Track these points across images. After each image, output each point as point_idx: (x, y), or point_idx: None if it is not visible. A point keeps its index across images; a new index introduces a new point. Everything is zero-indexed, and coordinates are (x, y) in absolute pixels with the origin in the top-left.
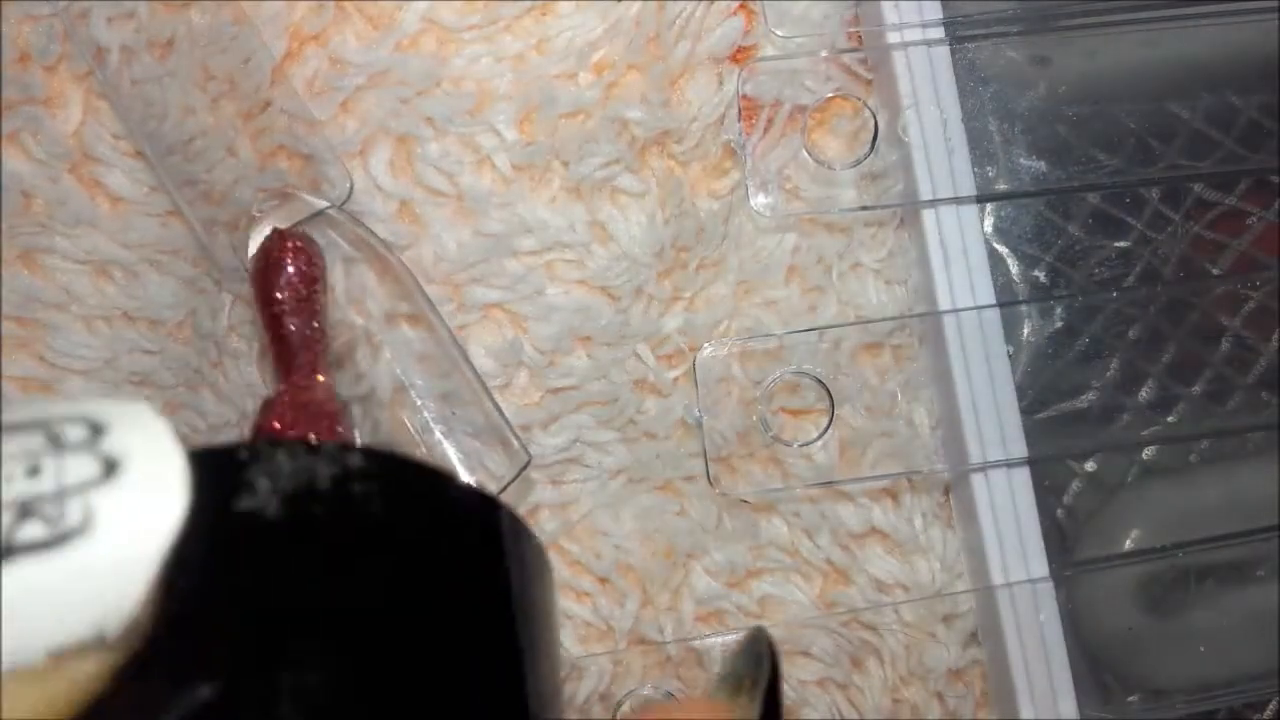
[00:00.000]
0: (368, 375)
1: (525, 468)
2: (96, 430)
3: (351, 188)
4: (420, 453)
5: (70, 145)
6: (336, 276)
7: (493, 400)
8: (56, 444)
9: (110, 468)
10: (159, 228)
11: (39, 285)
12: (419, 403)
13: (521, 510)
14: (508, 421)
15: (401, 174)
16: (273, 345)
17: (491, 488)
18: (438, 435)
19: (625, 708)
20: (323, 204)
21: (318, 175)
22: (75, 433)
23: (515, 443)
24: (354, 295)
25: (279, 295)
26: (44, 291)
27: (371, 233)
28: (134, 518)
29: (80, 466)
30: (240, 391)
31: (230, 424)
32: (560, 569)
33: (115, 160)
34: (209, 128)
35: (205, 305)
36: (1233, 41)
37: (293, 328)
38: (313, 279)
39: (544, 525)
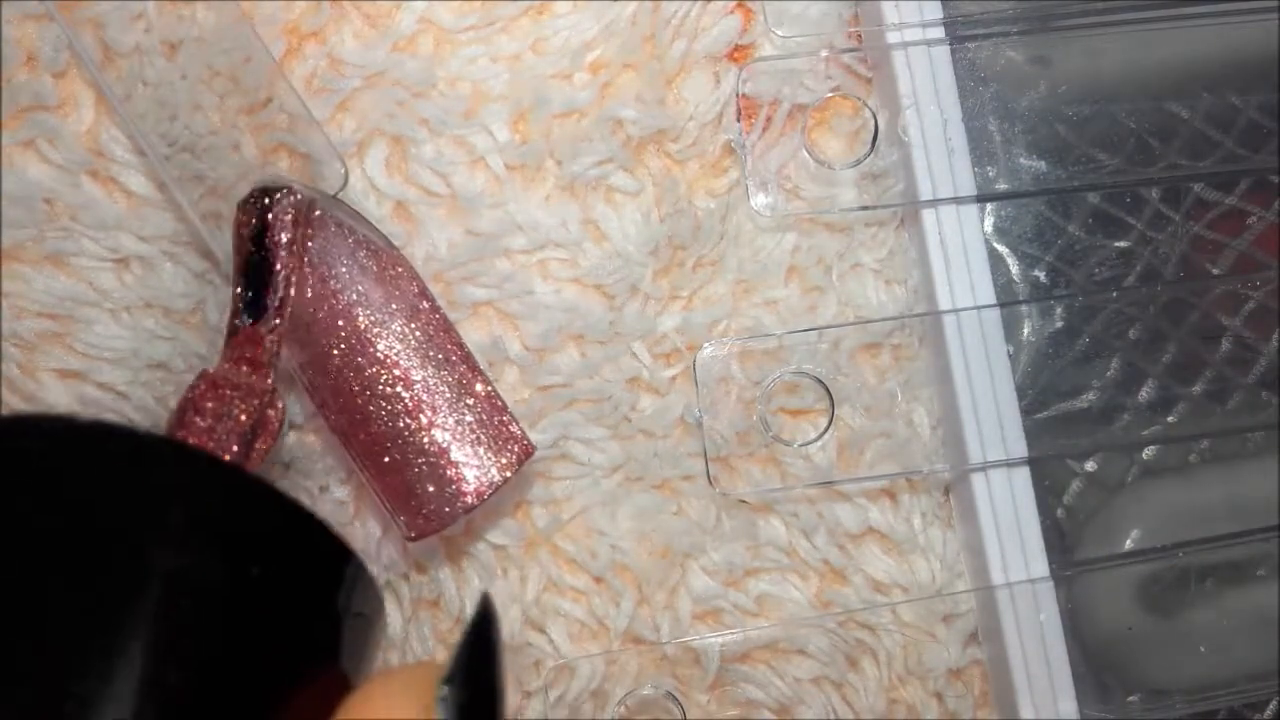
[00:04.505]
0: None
1: (529, 458)
2: None
3: (346, 177)
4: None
5: (84, 146)
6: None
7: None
8: None
9: None
10: (174, 221)
11: (71, 285)
12: (422, 397)
13: (510, 505)
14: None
15: (396, 174)
16: (230, 310)
17: (494, 477)
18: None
19: (623, 708)
20: (313, 193)
21: (315, 174)
22: None
23: (516, 429)
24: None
25: (250, 247)
26: (76, 290)
27: (371, 224)
28: None
29: None
30: None
31: None
32: (553, 567)
33: (130, 159)
34: (216, 125)
35: (214, 298)
36: (1233, 41)
37: (242, 291)
38: (289, 243)
39: (536, 521)
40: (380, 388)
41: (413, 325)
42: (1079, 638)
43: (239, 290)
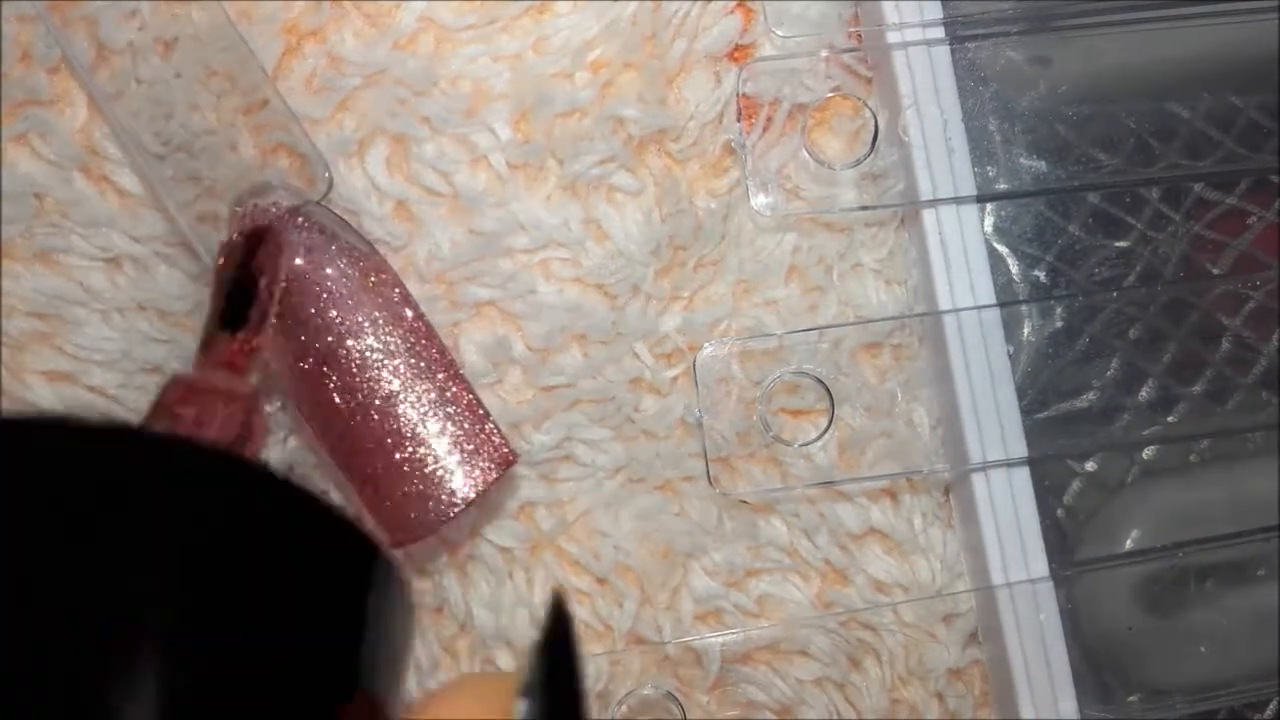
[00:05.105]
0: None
1: (510, 464)
2: None
3: (331, 182)
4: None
5: (78, 142)
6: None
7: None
8: None
9: None
10: (166, 222)
11: (61, 284)
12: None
13: (514, 507)
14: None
15: (398, 173)
16: (208, 318)
17: (477, 479)
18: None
19: (624, 708)
20: (298, 199)
21: (313, 174)
22: None
23: (497, 438)
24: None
25: (237, 259)
26: (66, 289)
27: (355, 231)
28: None
29: None
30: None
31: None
32: (558, 569)
33: (123, 157)
34: (213, 125)
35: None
36: (1233, 41)
37: (224, 303)
38: (273, 267)
39: (540, 524)
40: (361, 395)
41: (395, 332)
42: (1079, 638)
43: (221, 302)
